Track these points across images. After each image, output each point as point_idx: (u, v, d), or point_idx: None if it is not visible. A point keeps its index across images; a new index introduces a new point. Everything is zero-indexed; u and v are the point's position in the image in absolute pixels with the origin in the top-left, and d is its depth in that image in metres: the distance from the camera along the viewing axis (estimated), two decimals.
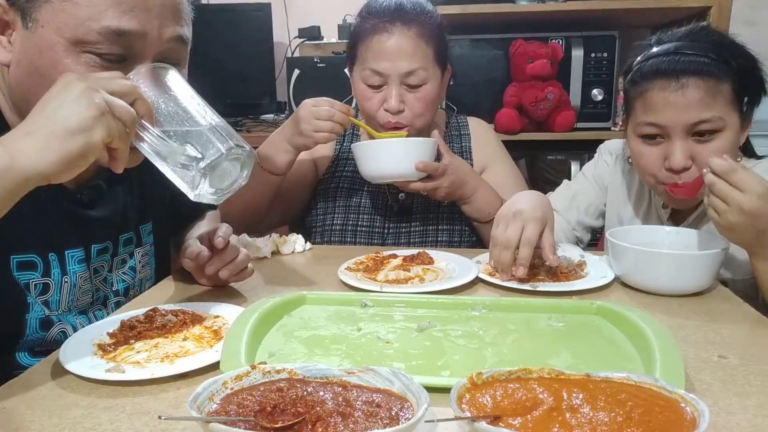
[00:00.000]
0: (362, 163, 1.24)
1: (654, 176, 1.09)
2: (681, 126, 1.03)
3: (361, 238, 1.37)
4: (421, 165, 1.18)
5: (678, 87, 1.02)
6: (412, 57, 1.25)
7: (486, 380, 0.57)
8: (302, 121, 1.19)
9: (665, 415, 0.51)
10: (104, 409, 0.63)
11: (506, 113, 2.10)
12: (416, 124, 1.30)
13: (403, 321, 0.84)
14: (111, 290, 0.98)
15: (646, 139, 1.08)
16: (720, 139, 1.03)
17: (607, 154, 1.35)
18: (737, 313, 0.89)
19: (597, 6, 2.02)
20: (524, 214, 0.99)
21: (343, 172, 1.42)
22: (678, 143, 1.04)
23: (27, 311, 0.86)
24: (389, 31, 1.25)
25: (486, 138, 1.47)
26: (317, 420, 0.53)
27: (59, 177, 0.66)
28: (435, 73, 1.29)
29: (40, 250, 0.87)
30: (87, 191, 0.93)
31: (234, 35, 2.48)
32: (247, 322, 0.77)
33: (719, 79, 1.02)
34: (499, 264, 0.99)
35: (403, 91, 1.27)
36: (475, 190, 1.27)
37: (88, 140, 0.65)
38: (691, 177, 1.04)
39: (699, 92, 1.01)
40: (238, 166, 0.78)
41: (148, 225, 1.07)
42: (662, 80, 1.03)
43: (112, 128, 0.67)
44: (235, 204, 1.28)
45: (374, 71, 1.26)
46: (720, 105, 1.02)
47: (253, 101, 2.56)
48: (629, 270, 0.99)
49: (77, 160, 0.65)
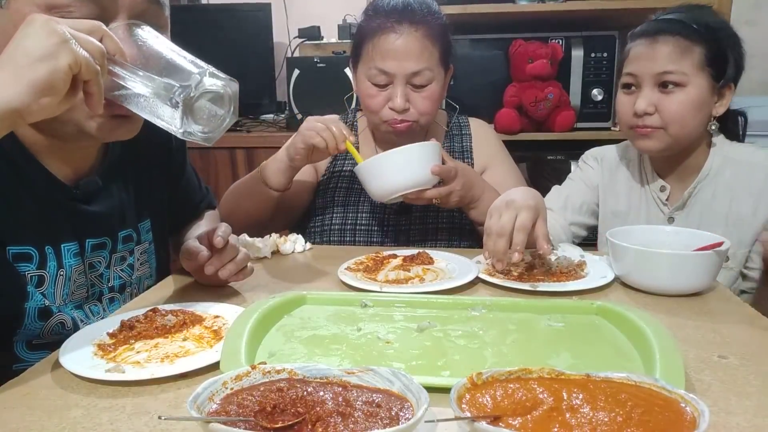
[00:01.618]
0: (371, 182, 1.16)
1: (626, 122, 1.25)
2: (649, 74, 1.19)
3: (360, 237, 1.37)
4: (436, 168, 1.14)
5: (652, 42, 1.19)
6: (419, 58, 1.25)
7: (486, 380, 0.57)
8: (301, 128, 1.17)
9: (665, 415, 0.51)
10: (104, 409, 0.63)
11: (506, 113, 2.10)
12: (421, 121, 1.31)
13: (403, 321, 0.84)
14: (106, 286, 0.98)
15: (624, 89, 1.25)
16: (681, 93, 1.17)
17: (591, 159, 1.43)
18: (737, 313, 0.89)
19: (597, 6, 2.02)
20: (517, 203, 0.99)
21: (342, 171, 1.42)
22: (645, 90, 1.20)
23: (26, 300, 0.86)
24: (397, 31, 1.25)
25: (487, 138, 1.46)
26: (317, 420, 0.53)
27: (31, 110, 0.64)
28: (439, 73, 1.30)
29: (36, 243, 0.87)
30: (83, 186, 0.94)
31: (234, 35, 2.48)
32: (247, 322, 0.77)
33: (691, 41, 1.17)
34: (495, 253, 0.99)
35: (408, 91, 1.27)
36: (483, 191, 1.26)
37: (53, 66, 0.64)
38: (655, 123, 1.19)
39: (668, 47, 1.17)
40: (223, 100, 0.76)
41: (147, 222, 1.07)
42: (644, 38, 1.21)
43: (78, 56, 0.65)
44: (238, 216, 1.29)
45: (381, 70, 1.26)
46: (687, 63, 1.17)
47: (253, 101, 2.56)
48: (629, 270, 0.99)
49: (45, 89, 0.64)
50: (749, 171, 1.21)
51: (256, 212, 1.30)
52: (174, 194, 1.18)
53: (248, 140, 2.29)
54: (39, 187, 0.88)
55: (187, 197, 1.24)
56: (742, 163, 1.22)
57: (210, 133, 0.77)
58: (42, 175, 0.88)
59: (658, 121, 1.19)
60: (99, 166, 0.98)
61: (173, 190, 1.17)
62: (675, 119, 1.17)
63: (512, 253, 0.97)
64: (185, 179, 1.22)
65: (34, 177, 0.87)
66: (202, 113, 0.75)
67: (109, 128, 0.83)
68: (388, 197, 1.17)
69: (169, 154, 1.15)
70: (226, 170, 2.31)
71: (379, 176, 1.15)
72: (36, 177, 0.88)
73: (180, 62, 0.76)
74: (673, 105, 1.17)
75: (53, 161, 0.89)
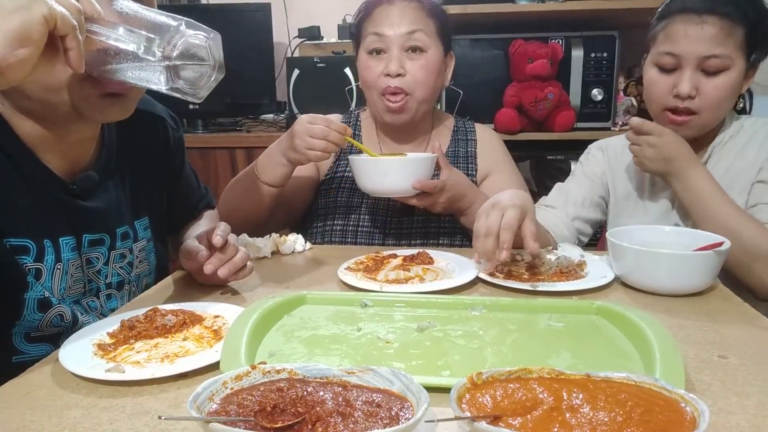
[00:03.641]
0: (359, 177, 1.24)
1: (660, 103, 1.21)
2: (694, 56, 1.15)
3: (362, 238, 1.36)
4: (418, 185, 1.17)
5: (699, 21, 1.14)
6: (412, 21, 1.29)
7: (486, 380, 0.57)
8: (296, 137, 1.17)
9: (665, 415, 0.51)
10: (104, 409, 0.63)
11: (506, 113, 2.10)
12: (417, 93, 1.31)
13: (403, 321, 0.84)
14: (104, 282, 0.98)
15: (661, 69, 1.20)
16: (724, 77, 1.15)
17: (595, 149, 1.43)
18: (737, 313, 0.89)
19: (597, 6, 2.02)
20: (502, 203, 1.00)
21: (345, 171, 1.42)
22: (688, 73, 1.16)
23: (26, 290, 0.86)
24: (390, 2, 1.30)
25: (491, 145, 1.46)
26: (317, 420, 0.53)
27: (8, 62, 0.63)
28: (437, 45, 1.32)
29: (34, 236, 0.87)
30: (79, 182, 0.94)
31: (234, 35, 2.47)
32: (247, 322, 0.77)
33: (735, 22, 1.13)
34: (484, 253, 0.99)
35: (404, 57, 1.29)
36: (473, 202, 1.26)
37: (26, 17, 0.64)
38: (694, 106, 1.17)
39: (715, 29, 1.13)
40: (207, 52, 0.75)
41: (144, 220, 1.07)
42: (686, 14, 1.16)
43: (52, 8, 0.65)
44: (235, 215, 1.29)
45: (375, 34, 1.30)
46: (731, 46, 1.13)
47: (253, 101, 2.56)
48: (629, 270, 0.99)
49: (20, 39, 0.63)
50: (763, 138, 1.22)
51: (255, 210, 1.30)
52: (172, 193, 1.18)
53: (248, 140, 2.29)
54: (36, 181, 0.88)
55: (186, 197, 1.24)
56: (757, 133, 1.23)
57: (197, 89, 0.77)
58: (39, 169, 0.88)
59: (697, 105, 1.16)
60: (96, 161, 0.98)
61: (172, 190, 1.17)
62: (713, 104, 1.16)
63: (500, 251, 0.97)
64: (184, 179, 1.22)
65: (32, 171, 0.88)
66: (188, 69, 0.74)
67: (100, 107, 0.84)
68: (372, 194, 1.29)
69: (168, 152, 1.15)
70: (226, 170, 2.31)
71: (365, 177, 1.23)
72: (33, 171, 0.88)
73: (160, 18, 0.75)
74: (715, 90, 1.14)
75: (50, 156, 0.90)
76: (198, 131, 2.48)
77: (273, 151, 1.25)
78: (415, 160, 1.21)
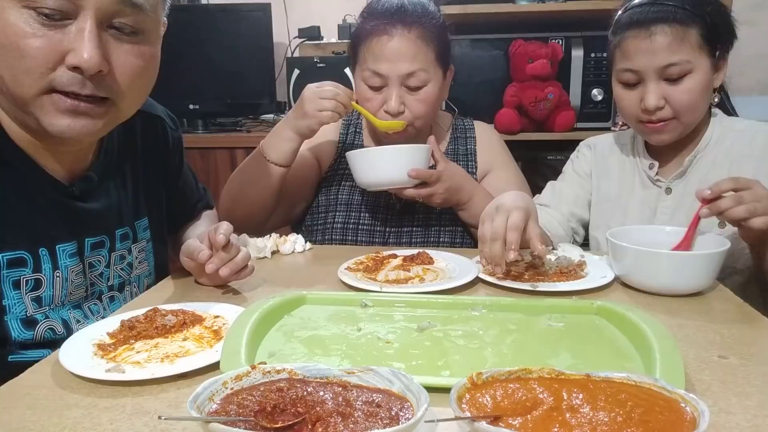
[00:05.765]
0: (356, 171, 1.25)
1: (633, 117, 1.21)
2: (652, 69, 1.14)
3: (363, 236, 1.36)
4: (413, 172, 1.18)
5: (648, 34, 1.13)
6: (412, 59, 1.25)
7: (486, 380, 0.57)
8: (306, 102, 1.21)
9: (665, 415, 0.51)
10: (104, 409, 0.63)
11: (506, 113, 2.10)
12: (416, 124, 1.30)
13: (403, 321, 0.84)
14: (106, 285, 0.98)
15: (626, 84, 1.20)
16: (689, 80, 1.14)
17: (584, 147, 1.44)
18: (737, 313, 0.89)
19: (597, 6, 2.02)
20: (506, 206, 0.99)
21: (346, 168, 1.42)
22: (651, 86, 1.15)
23: (4, 313, 0.85)
24: (389, 33, 1.25)
25: (491, 143, 1.46)
26: (317, 420, 0.53)
27: None
28: (436, 74, 1.29)
29: (29, 246, 0.87)
30: (79, 183, 0.93)
31: (234, 35, 2.48)
32: (247, 322, 0.77)
33: (687, 25, 1.12)
34: (492, 258, 0.98)
35: (403, 93, 1.27)
36: (471, 195, 1.27)
37: None
38: (667, 115, 1.16)
39: (666, 38, 1.12)
40: None
41: (144, 220, 1.07)
42: (635, 29, 1.15)
43: None
44: (241, 202, 1.29)
45: (374, 72, 1.26)
46: (687, 49, 1.12)
47: (253, 101, 2.56)
48: (629, 270, 0.99)
49: None
50: (751, 136, 1.21)
51: (261, 196, 1.30)
52: (171, 194, 1.18)
53: (248, 140, 2.29)
54: (33, 187, 0.87)
55: (185, 197, 1.24)
56: (743, 131, 1.22)
57: None
58: (36, 173, 0.88)
59: (669, 113, 1.15)
60: (96, 163, 0.98)
61: (170, 190, 1.17)
62: (687, 107, 1.15)
63: (508, 252, 0.96)
64: (182, 179, 1.22)
65: (28, 176, 0.87)
66: None
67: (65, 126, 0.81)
68: (369, 188, 1.29)
69: (167, 153, 1.15)
70: (226, 170, 2.31)
71: (360, 169, 1.24)
72: (30, 176, 0.87)
73: None
74: (683, 94, 1.13)
75: (48, 160, 0.89)
76: (198, 131, 2.48)
77: (279, 128, 1.27)
78: (410, 149, 1.23)
